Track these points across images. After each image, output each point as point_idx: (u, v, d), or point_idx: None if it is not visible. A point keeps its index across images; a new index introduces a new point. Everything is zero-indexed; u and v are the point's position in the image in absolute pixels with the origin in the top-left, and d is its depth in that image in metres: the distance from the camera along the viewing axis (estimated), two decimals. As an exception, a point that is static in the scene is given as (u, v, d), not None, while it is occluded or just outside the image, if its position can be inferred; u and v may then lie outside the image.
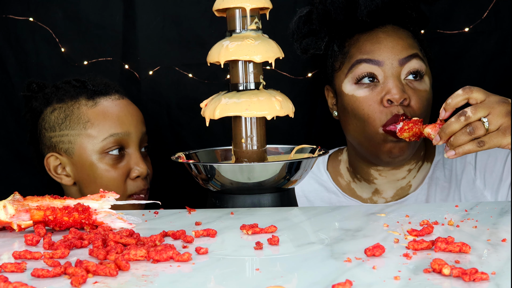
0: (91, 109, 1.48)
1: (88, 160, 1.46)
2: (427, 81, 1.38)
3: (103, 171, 1.46)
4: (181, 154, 1.20)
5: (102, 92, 1.50)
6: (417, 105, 1.35)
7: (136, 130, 1.49)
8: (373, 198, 1.49)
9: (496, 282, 0.70)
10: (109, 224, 0.98)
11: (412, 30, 1.42)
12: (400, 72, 1.36)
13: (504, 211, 1.03)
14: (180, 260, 0.80)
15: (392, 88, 1.33)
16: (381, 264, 0.77)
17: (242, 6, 1.12)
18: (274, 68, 1.74)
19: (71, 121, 1.47)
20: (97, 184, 1.46)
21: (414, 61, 1.36)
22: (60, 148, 1.48)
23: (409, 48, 1.37)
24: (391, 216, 1.02)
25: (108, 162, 1.46)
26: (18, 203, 0.97)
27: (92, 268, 0.76)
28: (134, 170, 1.47)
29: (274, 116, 1.12)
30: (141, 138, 1.51)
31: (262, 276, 0.76)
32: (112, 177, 1.46)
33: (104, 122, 1.47)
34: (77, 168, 1.48)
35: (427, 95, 1.37)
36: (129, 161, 1.48)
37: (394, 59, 1.36)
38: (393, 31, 1.39)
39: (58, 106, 1.49)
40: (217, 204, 1.14)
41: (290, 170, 1.12)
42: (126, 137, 1.48)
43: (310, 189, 1.54)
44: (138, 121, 1.51)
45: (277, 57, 1.14)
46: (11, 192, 0.99)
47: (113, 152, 1.46)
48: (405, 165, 1.46)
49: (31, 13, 1.81)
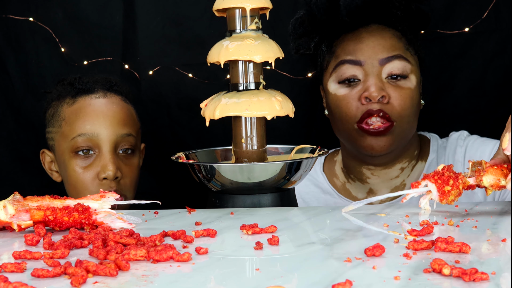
0: (69, 107, 1.47)
1: (62, 158, 1.47)
2: (413, 80, 1.39)
3: (72, 170, 1.44)
4: (181, 154, 1.20)
5: (85, 91, 1.47)
6: (398, 102, 1.36)
7: (108, 132, 1.43)
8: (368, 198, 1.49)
9: (496, 282, 0.70)
10: (109, 224, 0.98)
11: (401, 30, 1.42)
12: (380, 71, 1.38)
13: (504, 211, 1.03)
14: (180, 260, 0.80)
15: (370, 86, 1.36)
16: (381, 264, 0.77)
17: (242, 6, 1.12)
18: (274, 68, 1.74)
19: (54, 118, 1.49)
20: (69, 184, 1.45)
21: (395, 62, 1.37)
22: (49, 145, 1.52)
23: (391, 48, 1.38)
24: (391, 216, 1.02)
25: (76, 162, 1.44)
26: (18, 203, 0.97)
27: (92, 268, 0.76)
28: (101, 172, 1.42)
29: (274, 116, 1.12)
30: (116, 140, 1.44)
31: (262, 276, 0.76)
32: (80, 177, 1.43)
33: (76, 121, 1.44)
34: (59, 164, 1.50)
35: (411, 93, 1.38)
36: (99, 162, 1.43)
37: (374, 58, 1.38)
38: (377, 31, 1.41)
39: (53, 103, 1.51)
40: (217, 204, 1.14)
41: (290, 170, 1.12)
42: (95, 138, 1.43)
43: (306, 191, 1.55)
44: (114, 122, 1.45)
45: (277, 57, 1.14)
46: (11, 192, 0.99)
47: (80, 153, 1.43)
48: (396, 163, 1.46)
49: (31, 13, 1.81)
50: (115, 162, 1.43)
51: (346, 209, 1.05)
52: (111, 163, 1.42)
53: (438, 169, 1.01)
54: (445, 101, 1.76)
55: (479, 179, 0.99)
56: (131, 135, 1.47)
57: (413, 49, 1.42)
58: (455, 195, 0.99)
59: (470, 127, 1.56)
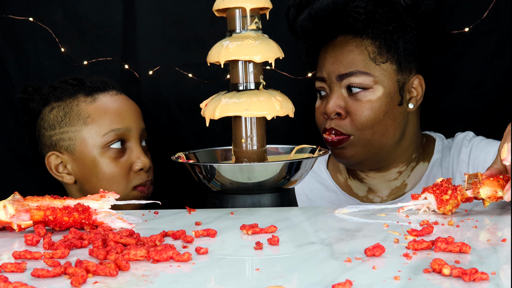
0: (90, 105, 1.48)
1: (90, 155, 1.47)
2: (378, 90, 1.38)
3: (105, 165, 1.47)
4: (181, 154, 1.20)
5: (100, 89, 1.51)
6: (356, 115, 1.38)
7: (136, 125, 1.51)
8: (369, 197, 1.49)
9: (496, 282, 0.70)
10: (109, 224, 0.98)
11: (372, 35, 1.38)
12: (340, 86, 1.40)
13: (504, 211, 1.03)
14: (180, 260, 0.80)
15: (328, 102, 1.40)
16: (381, 264, 0.77)
17: (242, 6, 1.12)
18: (274, 68, 1.74)
19: (71, 118, 1.48)
20: (100, 179, 1.47)
21: (352, 78, 1.38)
22: (60, 146, 1.48)
23: (348, 64, 1.39)
24: (391, 216, 1.02)
25: (110, 156, 1.47)
26: (18, 203, 0.97)
27: (92, 268, 0.76)
28: (137, 163, 1.48)
29: (274, 116, 1.12)
30: (141, 133, 1.52)
31: (262, 276, 0.76)
32: (114, 171, 1.47)
33: (105, 117, 1.48)
34: (79, 165, 1.48)
35: (371, 104, 1.38)
36: (131, 154, 1.49)
37: (333, 75, 1.41)
38: (340, 44, 1.41)
39: (57, 104, 1.49)
40: (217, 204, 1.14)
41: (290, 170, 1.12)
42: (127, 131, 1.49)
43: (310, 188, 1.55)
44: (137, 116, 1.52)
45: (277, 57, 1.14)
46: (11, 192, 0.99)
47: (115, 146, 1.47)
48: (391, 168, 1.47)
49: (31, 13, 1.81)
50: (145, 154, 1.51)
51: (340, 211, 1.05)
52: (143, 155, 1.50)
53: (437, 182, 1.03)
54: (445, 101, 1.76)
55: (476, 191, 1.00)
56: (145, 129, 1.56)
57: (387, 53, 1.39)
58: (453, 205, 1.00)
59: (470, 127, 1.57)
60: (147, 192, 1.50)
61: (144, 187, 1.50)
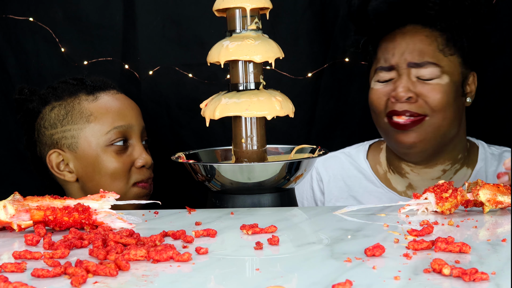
0: (92, 103, 1.50)
1: (93, 153, 1.48)
2: (445, 79, 1.39)
3: (108, 162, 1.48)
4: (181, 154, 1.20)
5: (101, 87, 1.53)
6: (429, 97, 1.38)
7: (137, 123, 1.53)
8: (407, 192, 1.48)
9: (496, 282, 0.70)
10: (109, 224, 0.98)
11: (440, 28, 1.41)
12: (409, 72, 1.40)
13: (504, 211, 1.03)
14: (180, 260, 0.80)
15: (398, 87, 1.39)
16: (381, 264, 0.77)
17: (242, 6, 1.12)
18: (274, 68, 1.74)
19: (73, 116, 1.49)
20: (102, 176, 1.48)
21: (422, 70, 1.39)
22: (62, 144, 1.49)
23: (419, 54, 1.39)
24: (391, 216, 1.02)
25: (112, 153, 1.48)
26: (18, 203, 0.97)
27: (92, 268, 0.76)
28: (139, 160, 1.50)
29: (274, 116, 1.12)
30: (142, 131, 1.54)
31: (262, 276, 0.76)
32: (117, 167, 1.48)
33: (107, 115, 1.49)
34: (81, 163, 1.49)
35: (442, 88, 1.38)
36: (133, 152, 1.51)
37: (403, 62, 1.40)
38: (410, 33, 1.42)
39: (58, 103, 1.50)
40: (217, 204, 1.14)
41: (290, 170, 1.12)
42: (129, 129, 1.50)
43: (349, 175, 1.55)
44: (138, 115, 1.55)
45: (277, 57, 1.14)
46: (11, 192, 0.99)
47: (118, 144, 1.49)
48: (438, 164, 1.46)
49: (31, 13, 1.81)
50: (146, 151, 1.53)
51: (339, 211, 1.05)
52: (145, 152, 1.52)
53: (439, 183, 1.04)
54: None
55: (475, 193, 1.01)
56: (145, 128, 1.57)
57: (453, 47, 1.41)
58: (452, 204, 1.01)
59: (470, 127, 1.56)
60: (149, 188, 1.52)
61: (146, 184, 1.51)
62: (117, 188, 1.47)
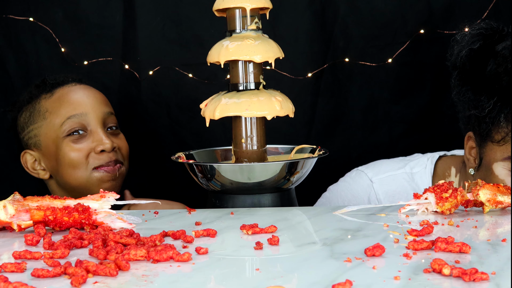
0: (48, 100, 1.53)
1: (53, 147, 1.51)
2: None
3: (66, 152, 1.50)
4: (181, 154, 1.20)
5: (59, 83, 1.55)
6: None
7: (95, 110, 1.52)
8: None
9: (496, 282, 0.70)
10: (109, 224, 0.98)
11: None
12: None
13: (504, 211, 1.03)
14: (180, 260, 0.80)
15: None
16: (381, 264, 0.77)
17: (242, 6, 1.12)
18: (274, 68, 1.74)
19: (34, 116, 1.53)
20: (64, 167, 1.50)
21: None
22: (30, 144, 1.55)
23: None
24: (391, 216, 1.02)
25: (69, 143, 1.50)
26: (18, 203, 0.97)
27: (92, 268, 0.76)
28: (98, 145, 1.50)
29: (274, 116, 1.12)
30: (103, 117, 1.53)
31: (262, 276, 0.76)
32: (74, 156, 1.49)
33: (60, 107, 1.51)
34: (48, 158, 1.53)
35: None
36: (91, 138, 1.51)
37: None
38: None
39: (25, 108, 1.56)
40: (217, 204, 1.14)
41: (290, 170, 1.12)
42: (84, 117, 1.51)
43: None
44: (97, 102, 1.54)
45: (277, 57, 1.14)
46: (11, 192, 0.99)
47: (74, 134, 1.50)
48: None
49: (31, 13, 1.81)
50: (108, 136, 1.51)
51: (339, 211, 1.05)
52: (105, 136, 1.50)
53: (439, 183, 1.03)
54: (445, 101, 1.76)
55: (475, 193, 1.01)
56: (114, 114, 1.57)
57: None
58: (452, 204, 1.00)
59: (470, 127, 1.56)
60: (112, 172, 1.50)
61: (107, 167, 1.50)
62: (78, 175, 1.49)
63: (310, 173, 1.18)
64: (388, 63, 1.76)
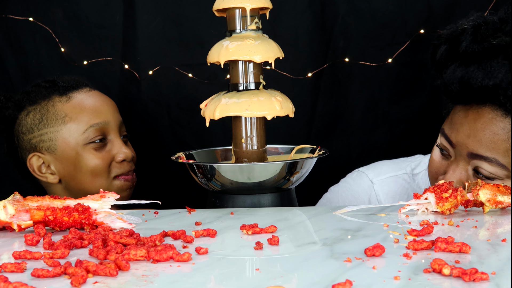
0: (66, 104, 1.51)
1: (72, 153, 1.49)
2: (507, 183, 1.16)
3: (89, 160, 1.49)
4: (181, 154, 1.20)
5: (74, 87, 1.54)
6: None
7: (114, 118, 1.53)
8: None
9: (496, 282, 0.70)
10: (109, 224, 0.98)
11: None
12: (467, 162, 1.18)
13: (504, 211, 1.03)
14: (180, 260, 0.80)
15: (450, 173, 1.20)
16: (381, 264, 0.77)
17: (242, 6, 1.12)
18: (274, 68, 1.74)
19: (48, 119, 1.50)
20: (83, 173, 1.49)
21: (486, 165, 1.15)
22: (41, 147, 1.51)
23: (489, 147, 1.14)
24: (391, 216, 1.02)
25: (91, 151, 1.49)
26: (18, 203, 0.97)
27: (92, 268, 0.76)
28: (119, 155, 1.51)
29: (274, 116, 1.12)
30: (119, 126, 1.55)
31: (262, 276, 0.76)
32: (97, 164, 1.49)
33: (82, 114, 1.50)
34: (62, 163, 1.51)
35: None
36: (112, 147, 1.52)
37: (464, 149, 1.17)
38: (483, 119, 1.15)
39: (32, 108, 1.52)
40: (217, 204, 1.14)
41: (290, 170, 1.12)
42: (106, 125, 1.51)
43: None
44: (114, 110, 1.55)
45: (277, 57, 1.14)
46: (11, 192, 0.99)
47: (96, 141, 1.50)
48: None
49: (31, 13, 1.81)
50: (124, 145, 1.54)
51: (339, 211, 1.05)
52: (124, 146, 1.53)
53: (438, 183, 1.03)
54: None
55: (475, 193, 1.01)
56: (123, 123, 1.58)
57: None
58: (452, 204, 1.00)
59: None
60: (131, 181, 1.53)
61: (127, 176, 1.52)
62: (98, 183, 1.49)
63: (310, 173, 1.18)
64: (388, 63, 1.76)
